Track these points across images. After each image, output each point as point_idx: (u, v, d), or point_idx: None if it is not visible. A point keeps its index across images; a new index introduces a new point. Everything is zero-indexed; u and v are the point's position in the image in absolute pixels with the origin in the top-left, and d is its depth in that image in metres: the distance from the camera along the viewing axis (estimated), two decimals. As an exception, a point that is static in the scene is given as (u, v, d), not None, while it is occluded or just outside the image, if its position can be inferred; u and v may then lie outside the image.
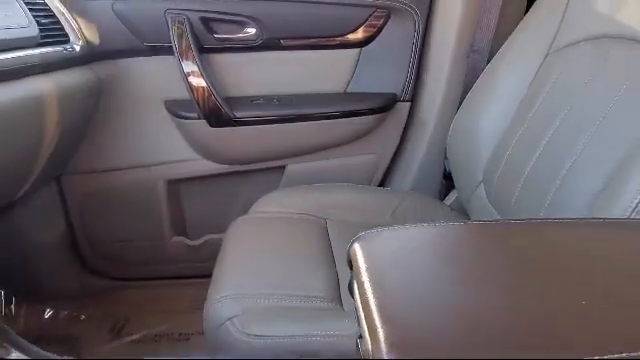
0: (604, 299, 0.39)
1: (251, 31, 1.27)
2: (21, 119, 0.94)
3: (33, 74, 0.95)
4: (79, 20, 1.16)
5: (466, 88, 1.19)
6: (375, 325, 0.35)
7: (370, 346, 0.35)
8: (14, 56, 0.90)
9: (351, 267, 0.44)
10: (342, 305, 0.78)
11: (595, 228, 0.50)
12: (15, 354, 0.65)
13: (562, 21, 0.97)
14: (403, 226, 0.55)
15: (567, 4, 0.97)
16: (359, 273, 0.41)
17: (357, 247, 0.45)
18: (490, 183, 1.03)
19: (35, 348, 0.73)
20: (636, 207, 0.57)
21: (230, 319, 0.71)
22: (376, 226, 0.47)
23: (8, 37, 0.90)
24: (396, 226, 0.50)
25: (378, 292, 0.38)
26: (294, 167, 1.42)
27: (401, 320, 0.36)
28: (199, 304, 0.93)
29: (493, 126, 1.06)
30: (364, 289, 0.39)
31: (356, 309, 0.40)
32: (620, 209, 0.60)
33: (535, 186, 0.87)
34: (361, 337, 0.38)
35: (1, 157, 0.91)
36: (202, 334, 0.81)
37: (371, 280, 0.40)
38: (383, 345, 0.34)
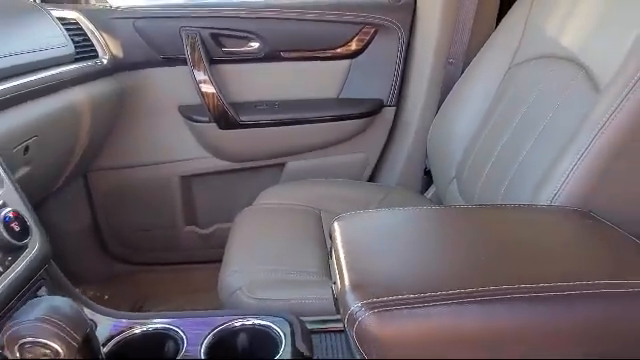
0: (506, 255, 0.55)
1: (255, 45, 1.40)
2: (60, 126, 1.08)
3: (70, 87, 1.10)
4: (105, 36, 1.30)
5: (443, 95, 1.31)
6: (343, 272, 0.52)
7: (339, 287, 0.51)
8: (55, 72, 1.04)
9: (331, 238, 0.61)
10: (330, 277, 0.93)
11: (512, 211, 0.66)
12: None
13: (520, 41, 1.11)
14: (374, 210, 0.71)
15: (525, 27, 1.11)
16: (335, 240, 0.58)
17: (336, 224, 0.62)
18: (460, 179, 1.17)
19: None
20: (555, 196, 0.73)
21: (240, 288, 0.87)
22: (362, 215, 0.63)
23: (51, 56, 1.05)
24: (368, 210, 0.67)
25: (347, 251, 0.54)
26: (293, 164, 1.52)
27: (362, 269, 0.52)
28: (209, 285, 1.05)
29: (465, 129, 1.18)
30: (337, 250, 0.55)
31: (332, 264, 0.56)
32: (545, 198, 0.75)
33: (493, 182, 1.02)
34: (335, 283, 0.54)
35: (43, 158, 1.04)
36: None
37: (343, 244, 0.56)
38: (347, 285, 0.50)
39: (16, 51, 0.92)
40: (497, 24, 1.23)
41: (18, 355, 0.44)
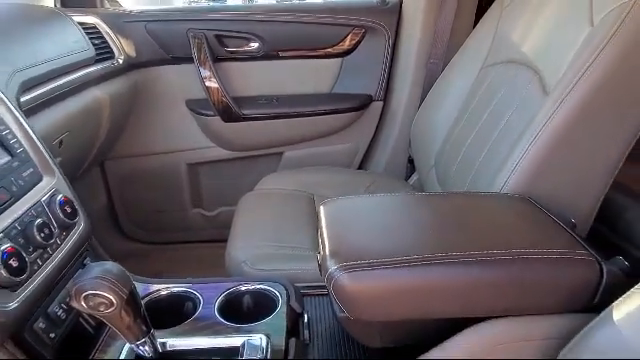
0: (457, 231, 0.70)
1: (254, 45, 1.52)
2: (85, 121, 1.22)
3: (92, 86, 1.24)
4: (120, 38, 1.43)
5: (425, 91, 1.43)
6: (325, 244, 0.67)
7: (322, 255, 0.67)
8: (80, 75, 1.17)
9: (318, 218, 0.76)
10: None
11: (468, 198, 0.82)
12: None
13: (491, 46, 1.23)
14: (354, 196, 0.86)
15: (495, 33, 1.23)
16: (320, 220, 0.73)
17: (322, 207, 0.77)
18: (438, 167, 1.31)
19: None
20: (504, 185, 0.88)
21: (244, 261, 1.02)
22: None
23: (76, 60, 1.17)
24: (349, 196, 0.82)
25: (329, 228, 0.70)
26: (290, 153, 1.64)
27: (339, 241, 0.67)
28: (215, 261, 1.17)
29: (443, 123, 1.29)
30: (322, 227, 0.71)
31: (319, 237, 0.71)
32: (497, 185, 0.90)
33: (463, 171, 1.16)
34: (319, 252, 0.70)
35: (72, 150, 1.18)
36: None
37: (326, 222, 0.71)
38: (327, 253, 0.65)
39: (47, 58, 1.06)
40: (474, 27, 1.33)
41: (83, 304, 0.60)
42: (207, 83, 1.50)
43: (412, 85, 1.50)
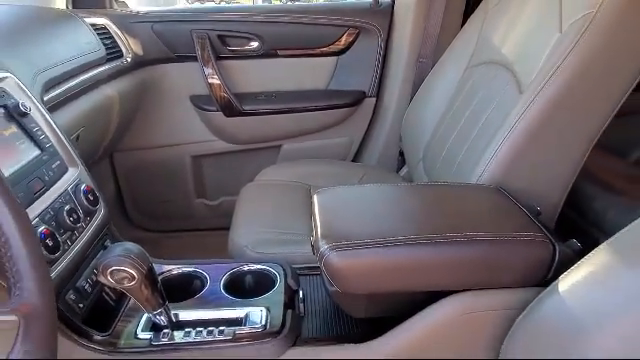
0: (436, 217, 0.80)
1: (255, 44, 1.61)
2: (98, 117, 1.31)
3: (104, 84, 1.33)
4: (128, 38, 1.52)
5: (415, 89, 1.51)
6: (317, 227, 0.77)
7: (314, 237, 0.77)
8: (93, 74, 1.26)
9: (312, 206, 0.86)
10: (315, 238, 1.18)
11: (448, 188, 0.92)
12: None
13: (475, 47, 1.32)
14: (346, 186, 0.96)
15: (479, 35, 1.32)
16: (314, 206, 0.83)
17: (316, 196, 0.87)
18: (426, 160, 1.39)
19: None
20: (480, 176, 0.97)
21: (246, 245, 1.11)
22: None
23: (89, 60, 1.26)
24: (341, 185, 0.92)
25: (321, 214, 0.80)
26: (288, 147, 1.73)
27: (330, 225, 0.77)
28: (218, 248, 1.24)
29: (431, 118, 1.37)
30: (315, 213, 0.80)
31: (312, 222, 0.81)
32: (475, 177, 1.00)
33: (447, 164, 1.24)
34: (313, 236, 0.79)
35: (86, 144, 1.26)
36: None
37: (319, 209, 0.81)
38: (319, 235, 0.75)
39: (64, 59, 1.14)
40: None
41: (109, 278, 0.69)
42: (210, 80, 1.59)
43: (403, 82, 1.58)
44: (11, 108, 0.78)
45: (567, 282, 0.63)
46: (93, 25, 1.40)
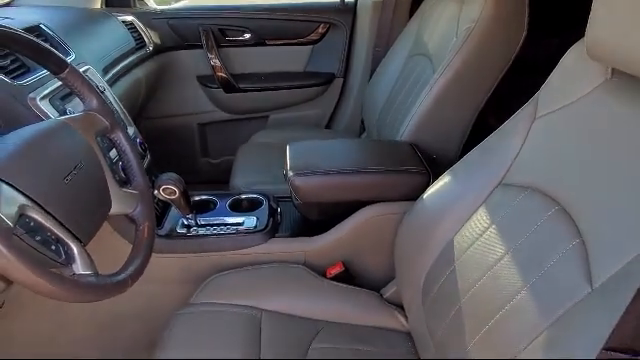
0: (365, 159, 1.28)
1: (247, 35, 2.01)
2: (131, 94, 1.73)
3: (135, 68, 1.76)
4: (149, 31, 1.92)
5: (372, 71, 1.88)
6: (287, 163, 1.24)
7: (285, 170, 1.24)
8: (128, 61, 1.68)
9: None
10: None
11: (379, 143, 1.39)
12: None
13: (413, 41, 1.73)
14: (311, 140, 1.42)
15: (417, 30, 1.75)
16: (286, 151, 1.29)
17: (288, 146, 1.34)
18: (378, 125, 1.81)
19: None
20: (402, 134, 1.45)
21: (242, 186, 1.58)
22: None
23: (124, 51, 1.68)
24: (306, 140, 1.38)
25: (291, 155, 1.26)
26: (274, 116, 2.12)
27: (297, 161, 1.24)
28: None
29: (382, 94, 1.74)
30: (286, 155, 1.28)
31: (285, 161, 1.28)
32: (399, 134, 1.47)
33: (389, 127, 1.67)
34: (285, 170, 1.26)
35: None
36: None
37: (289, 153, 1.28)
38: (288, 168, 1.22)
39: (110, 51, 1.59)
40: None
41: (162, 192, 1.16)
42: (212, 63, 1.98)
43: (364, 66, 1.97)
44: (94, 90, 1.23)
45: (427, 193, 1.10)
46: (123, 21, 1.82)
